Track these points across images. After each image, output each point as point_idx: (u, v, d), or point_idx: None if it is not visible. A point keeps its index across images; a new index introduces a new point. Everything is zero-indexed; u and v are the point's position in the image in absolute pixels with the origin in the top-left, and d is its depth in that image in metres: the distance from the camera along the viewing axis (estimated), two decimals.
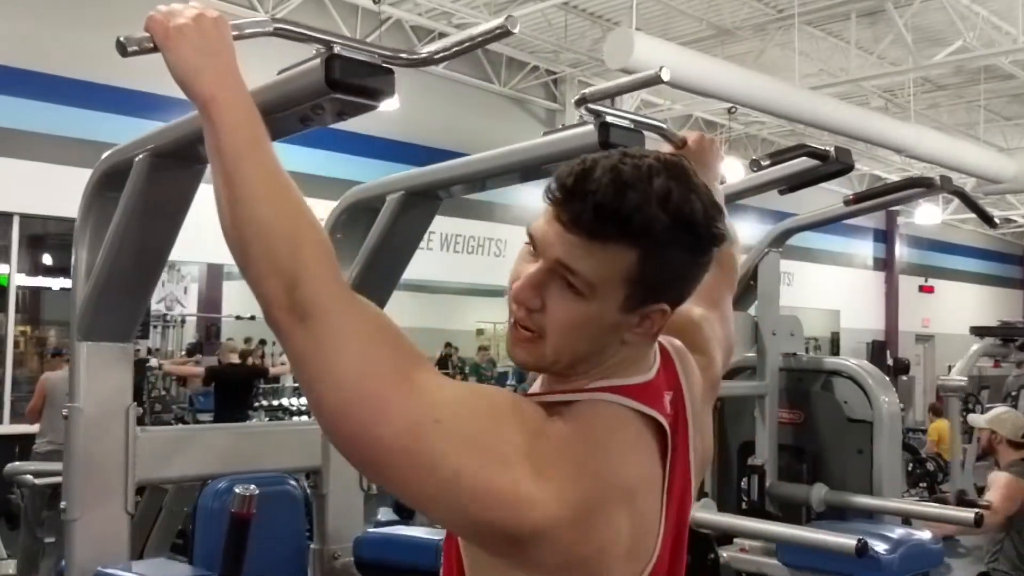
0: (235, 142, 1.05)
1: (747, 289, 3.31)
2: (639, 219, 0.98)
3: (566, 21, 11.87)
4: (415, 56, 1.40)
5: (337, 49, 1.32)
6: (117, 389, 1.88)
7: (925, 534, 2.75)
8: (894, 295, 21.65)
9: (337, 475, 2.15)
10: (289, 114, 1.38)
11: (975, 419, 5.22)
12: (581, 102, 1.60)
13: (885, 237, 21.76)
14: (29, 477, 5.01)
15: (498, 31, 1.34)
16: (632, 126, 1.68)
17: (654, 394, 1.07)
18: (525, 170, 1.78)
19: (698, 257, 1.04)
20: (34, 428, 6.74)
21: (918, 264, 22.53)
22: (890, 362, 17.44)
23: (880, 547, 2.55)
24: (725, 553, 2.85)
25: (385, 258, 1.88)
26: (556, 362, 1.05)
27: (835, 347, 18.66)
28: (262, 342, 13.61)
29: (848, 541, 2.38)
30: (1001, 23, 11.11)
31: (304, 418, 8.19)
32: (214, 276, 14.19)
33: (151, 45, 1.18)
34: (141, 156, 1.71)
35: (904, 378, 17.41)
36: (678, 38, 11.47)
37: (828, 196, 6.49)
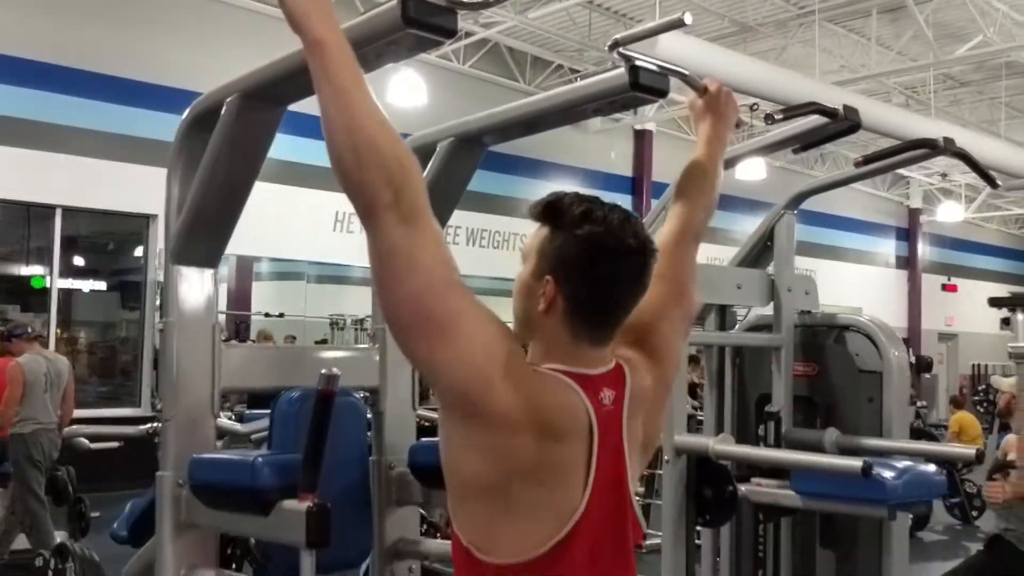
0: (346, 77, 1.36)
1: (764, 250, 3.54)
2: (559, 205, 1.46)
3: (590, 19, 12.12)
4: (475, 0, 1.66)
5: None
6: (205, 307, 2.14)
7: (930, 467, 2.97)
8: (917, 293, 21.69)
9: (392, 394, 2.40)
10: (369, 49, 1.64)
11: (998, 381, 5.41)
12: (614, 46, 1.84)
13: (908, 235, 21.82)
14: (84, 441, 5.30)
15: None
16: (659, 70, 1.92)
17: (592, 386, 1.43)
18: (566, 111, 2.03)
19: (596, 251, 1.42)
20: None
21: (941, 263, 22.55)
22: (913, 360, 17.53)
23: (886, 473, 2.78)
24: (743, 487, 3.08)
25: (436, 200, 2.12)
26: (515, 324, 1.48)
27: None
28: (292, 337, 13.97)
29: (855, 463, 2.61)
30: (1021, 18, 11.24)
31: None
32: (243, 275, 14.54)
33: None
34: (231, 98, 1.97)
35: (927, 376, 17.49)
36: (702, 35, 11.68)
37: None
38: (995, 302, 4.71)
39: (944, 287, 22.25)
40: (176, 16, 10.61)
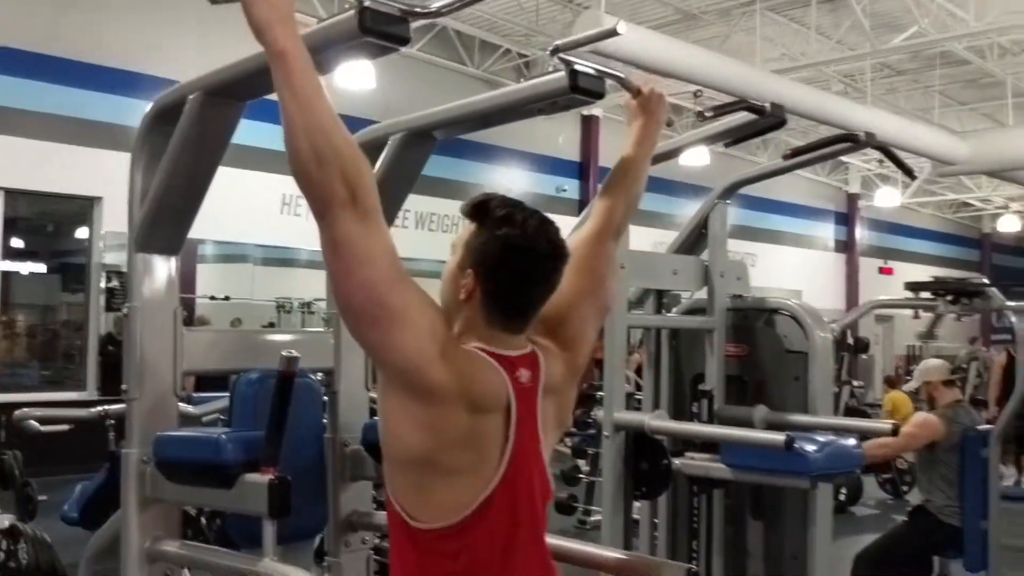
0: (307, 85, 1.50)
1: (699, 237, 3.73)
2: (486, 206, 1.65)
3: (537, 5, 12.24)
4: (428, 9, 1.79)
5: (367, 3, 1.70)
6: (167, 293, 2.25)
7: (850, 440, 3.18)
8: (854, 276, 22.24)
9: (346, 375, 2.54)
10: (327, 54, 1.77)
11: (910, 385, 5.69)
12: (555, 52, 1.99)
13: (847, 220, 22.35)
14: (35, 424, 5.32)
15: None
16: (596, 74, 2.07)
17: (510, 365, 1.62)
18: (510, 110, 2.17)
19: (511, 252, 1.60)
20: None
21: (878, 247, 23.13)
22: (850, 341, 18.00)
23: (808, 447, 2.98)
24: (677, 461, 3.27)
25: (387, 192, 2.24)
26: (441, 305, 1.66)
27: None
28: (238, 320, 13.93)
29: (778, 437, 2.81)
30: (955, 9, 11.60)
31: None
32: (188, 257, 14.40)
33: None
34: (194, 95, 2.08)
35: (864, 356, 17.98)
36: (646, 23, 11.87)
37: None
38: (912, 286, 4.97)
39: (881, 270, 22.81)
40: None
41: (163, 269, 2.26)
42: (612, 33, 1.90)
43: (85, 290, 10.89)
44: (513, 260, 1.62)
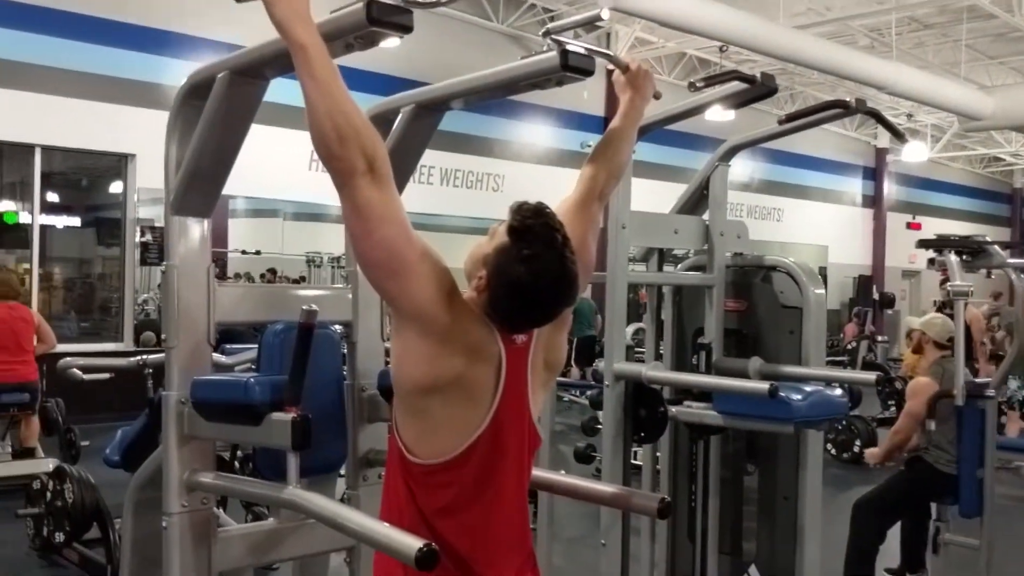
0: (326, 73, 1.73)
1: (701, 198, 3.92)
2: (521, 232, 1.79)
3: None
4: (428, 1, 2.00)
5: None
6: (200, 251, 2.50)
7: (836, 391, 3.40)
8: (882, 231, 22.19)
9: (364, 327, 2.78)
10: (339, 41, 1.98)
11: (910, 320, 5.84)
12: (546, 34, 2.19)
13: (874, 175, 22.26)
14: (77, 372, 5.64)
15: None
16: (586, 53, 2.27)
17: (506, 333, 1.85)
18: (508, 87, 2.38)
19: (522, 290, 1.78)
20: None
21: (906, 201, 23.03)
22: (876, 296, 18.05)
23: (794, 396, 3.21)
24: (673, 408, 3.50)
25: (398, 160, 2.46)
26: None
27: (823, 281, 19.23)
28: (272, 271, 14.25)
29: (763, 386, 3.03)
30: None
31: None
32: (219, 213, 14.67)
33: None
34: (223, 74, 2.31)
35: (889, 312, 18.04)
36: None
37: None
38: (923, 244, 5.12)
39: (909, 225, 22.73)
40: None
41: (196, 230, 2.51)
42: (596, 18, 2.11)
43: (120, 245, 11.23)
44: (518, 295, 1.79)
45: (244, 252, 14.17)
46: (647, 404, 3.39)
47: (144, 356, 5.10)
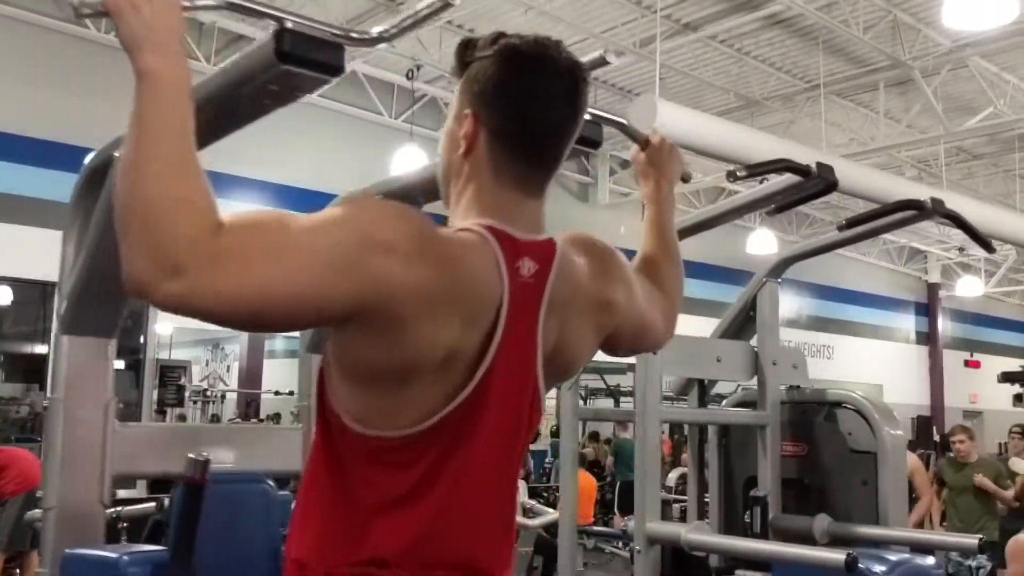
0: (162, 123, 1.08)
1: (747, 320, 3.32)
2: (471, 42, 1.30)
3: (595, 96, 12.11)
4: (366, 35, 1.48)
5: (289, 25, 1.39)
6: (98, 382, 1.93)
7: (928, 559, 2.68)
8: (939, 370, 21.26)
9: None
10: (248, 92, 1.45)
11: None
12: None
13: (927, 311, 21.49)
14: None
15: (439, 5, 1.41)
16: (593, 119, 1.74)
17: (512, 248, 1.24)
18: None
19: (515, 66, 1.26)
20: None
21: (963, 338, 22.15)
22: (936, 438, 17.02)
23: (876, 567, 2.50)
24: None
25: None
26: (440, 190, 1.35)
27: None
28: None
29: (838, 556, 2.34)
30: None
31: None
32: (255, 353, 14.41)
33: (103, 9, 1.24)
34: (119, 152, 1.79)
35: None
36: (709, 109, 11.61)
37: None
38: (1007, 377, 4.44)
39: (967, 363, 21.83)
40: (116, 81, 10.42)
41: (95, 354, 1.95)
42: (602, 62, 1.58)
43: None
44: (519, 76, 1.27)
45: (277, 393, 13.73)
46: (689, 574, 2.70)
47: (118, 509, 4.50)
